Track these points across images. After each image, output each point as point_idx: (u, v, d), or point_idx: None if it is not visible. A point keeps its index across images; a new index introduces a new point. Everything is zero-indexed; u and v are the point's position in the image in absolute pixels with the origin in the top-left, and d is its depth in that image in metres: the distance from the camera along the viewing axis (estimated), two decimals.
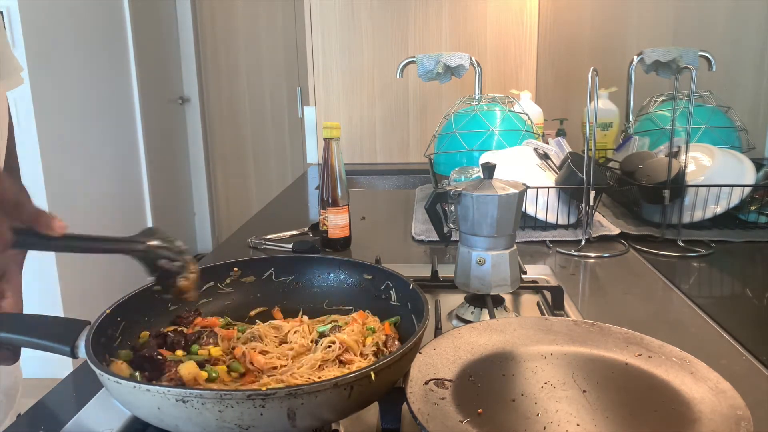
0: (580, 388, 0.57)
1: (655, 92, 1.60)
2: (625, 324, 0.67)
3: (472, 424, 0.52)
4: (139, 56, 3.44)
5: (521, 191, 0.79)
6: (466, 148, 1.51)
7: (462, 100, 1.66)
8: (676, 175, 1.16)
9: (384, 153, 2.29)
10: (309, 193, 1.84)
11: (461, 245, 0.83)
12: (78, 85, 2.91)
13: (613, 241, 1.19)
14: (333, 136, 1.11)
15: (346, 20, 2.19)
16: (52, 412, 0.63)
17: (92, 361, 0.50)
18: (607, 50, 2.04)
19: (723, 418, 0.50)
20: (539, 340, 0.66)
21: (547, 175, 1.27)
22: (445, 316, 0.84)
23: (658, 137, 1.47)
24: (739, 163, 1.23)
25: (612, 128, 1.74)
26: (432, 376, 0.58)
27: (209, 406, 0.45)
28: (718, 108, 1.44)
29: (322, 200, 1.14)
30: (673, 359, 0.60)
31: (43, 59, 2.62)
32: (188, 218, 4.26)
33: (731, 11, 1.51)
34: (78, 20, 2.92)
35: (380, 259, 0.90)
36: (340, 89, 2.25)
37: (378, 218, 1.45)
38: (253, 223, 1.41)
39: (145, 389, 0.46)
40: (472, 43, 2.20)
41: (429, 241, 1.21)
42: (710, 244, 1.14)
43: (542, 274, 1.01)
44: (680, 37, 1.68)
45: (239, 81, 4.17)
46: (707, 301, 0.89)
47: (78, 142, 2.91)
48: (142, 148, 3.51)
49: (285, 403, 0.45)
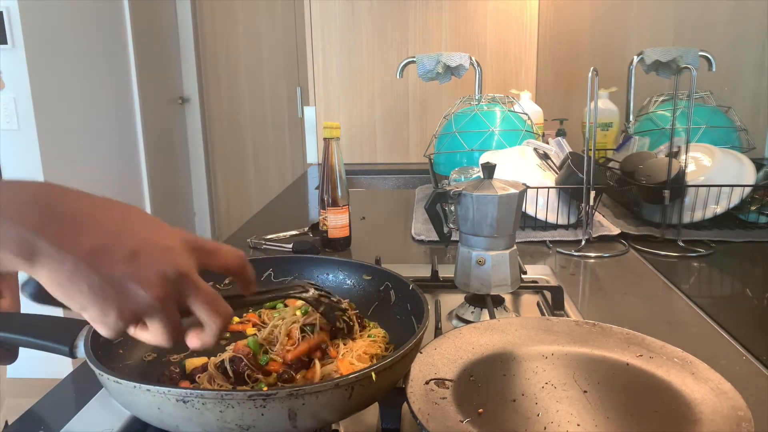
0: (580, 389, 0.57)
1: (655, 92, 1.60)
2: (624, 324, 0.67)
3: (473, 424, 0.51)
4: (139, 56, 3.44)
5: (521, 191, 0.79)
6: (466, 148, 1.51)
7: (462, 100, 1.66)
8: (676, 175, 1.16)
9: (384, 153, 2.29)
10: (309, 193, 1.84)
11: (461, 245, 0.83)
12: (78, 85, 2.91)
13: (613, 241, 1.19)
14: (333, 136, 1.11)
15: (346, 20, 2.19)
16: (52, 412, 0.63)
17: (92, 361, 0.50)
18: (607, 50, 2.04)
19: (724, 418, 0.50)
20: (540, 341, 0.66)
21: (547, 175, 1.27)
22: (445, 316, 0.84)
23: (658, 137, 1.46)
24: (739, 163, 1.23)
25: (612, 128, 1.74)
26: (433, 375, 0.58)
27: (210, 406, 0.45)
28: (718, 108, 1.44)
29: (322, 200, 1.14)
30: (675, 360, 0.60)
31: (43, 59, 2.62)
32: (188, 218, 4.26)
33: (731, 11, 1.51)
34: (78, 20, 2.92)
35: (380, 259, 0.90)
36: (340, 89, 2.25)
37: (378, 218, 1.45)
38: (253, 223, 1.41)
39: (145, 389, 0.46)
40: (472, 43, 2.20)
41: (429, 241, 1.21)
42: (710, 244, 1.14)
43: (542, 274, 1.01)
44: (680, 37, 1.68)
45: (239, 81, 4.16)
46: (707, 301, 0.89)
47: (78, 142, 2.91)
48: (142, 148, 3.51)
49: (286, 403, 0.45)
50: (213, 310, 0.44)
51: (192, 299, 0.43)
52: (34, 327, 0.52)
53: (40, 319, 0.53)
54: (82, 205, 0.42)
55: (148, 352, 0.63)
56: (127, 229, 0.42)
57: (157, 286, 0.41)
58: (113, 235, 0.41)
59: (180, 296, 0.43)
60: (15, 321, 0.53)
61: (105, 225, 0.41)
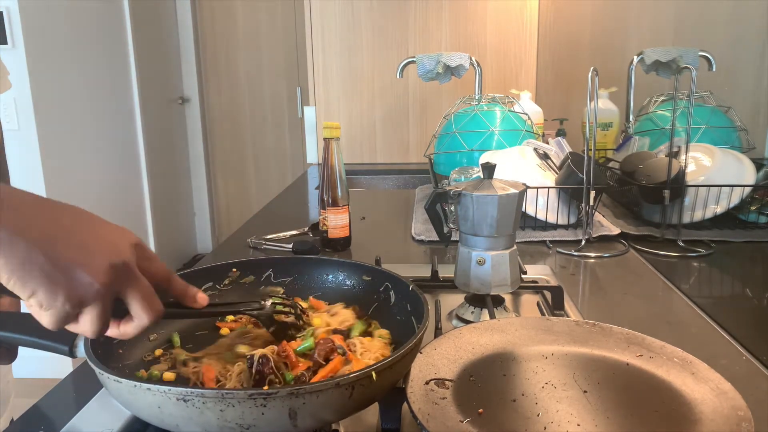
0: (581, 389, 0.57)
1: (655, 92, 1.60)
2: (624, 324, 0.67)
3: (473, 424, 0.51)
4: (139, 56, 3.44)
5: (521, 191, 0.79)
6: (466, 148, 1.51)
7: (462, 100, 1.66)
8: (676, 175, 1.16)
9: (384, 153, 2.29)
10: (309, 193, 1.84)
11: (461, 245, 0.83)
12: (78, 85, 2.91)
13: (613, 241, 1.19)
14: (333, 136, 1.11)
15: (346, 20, 2.19)
16: (52, 412, 0.63)
17: (92, 360, 0.50)
18: (607, 50, 2.04)
19: (724, 418, 0.50)
20: (540, 341, 0.66)
21: (547, 175, 1.27)
22: (445, 316, 0.84)
23: (658, 137, 1.46)
24: (739, 163, 1.23)
25: (612, 128, 1.74)
26: (433, 375, 0.58)
27: (210, 406, 0.45)
28: (718, 108, 1.44)
29: (322, 200, 1.14)
30: (675, 360, 0.60)
31: (43, 59, 2.62)
32: (188, 218, 4.26)
33: (731, 11, 1.51)
34: (78, 20, 2.92)
35: (380, 259, 0.90)
36: (340, 89, 2.25)
37: (378, 218, 1.45)
38: (253, 223, 1.41)
39: (145, 388, 0.46)
40: (472, 43, 2.20)
41: (429, 241, 1.21)
42: (710, 244, 1.14)
43: (542, 274, 1.01)
44: (680, 37, 1.68)
45: (239, 81, 4.16)
46: (707, 301, 0.89)
47: (78, 142, 2.91)
48: (142, 148, 3.51)
49: (286, 402, 0.45)
50: (146, 305, 0.47)
51: (130, 290, 0.46)
52: (34, 326, 0.52)
53: None
54: (35, 199, 0.44)
55: (148, 352, 0.63)
56: (79, 222, 0.45)
57: (104, 274, 0.43)
58: (66, 226, 0.44)
59: (121, 286, 0.45)
60: (15, 320, 0.53)
61: (59, 217, 0.44)
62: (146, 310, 0.47)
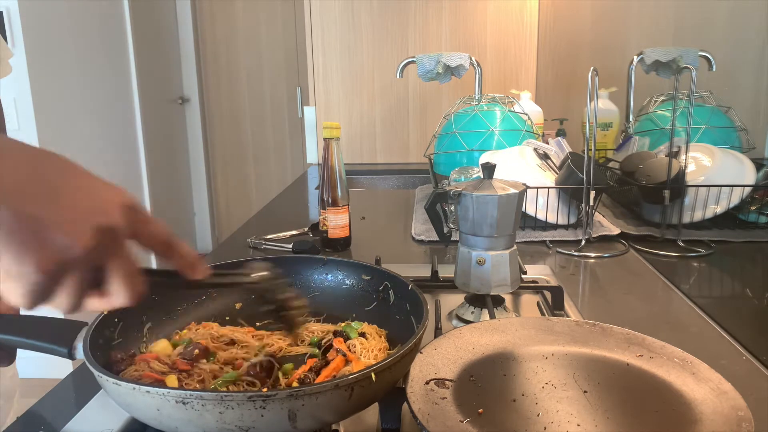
0: (581, 389, 0.57)
1: (655, 92, 1.60)
2: (624, 324, 0.67)
3: (473, 424, 0.51)
4: (139, 56, 3.44)
5: (521, 191, 0.79)
6: (466, 148, 1.51)
7: (462, 100, 1.66)
8: (676, 175, 1.16)
9: (384, 153, 2.29)
10: (309, 193, 1.84)
11: (461, 245, 0.83)
12: (78, 85, 2.91)
13: (613, 241, 1.18)
14: (333, 136, 1.11)
15: (346, 20, 2.19)
16: (52, 412, 0.63)
17: (90, 363, 0.50)
18: (607, 50, 2.04)
19: (724, 419, 0.50)
20: (540, 341, 0.66)
21: (547, 175, 1.27)
22: (445, 316, 0.84)
23: (658, 137, 1.46)
24: (739, 163, 1.23)
25: (612, 128, 1.74)
26: (433, 375, 0.58)
27: (209, 408, 0.45)
28: (718, 108, 1.44)
29: (322, 200, 1.14)
30: (675, 360, 0.60)
31: (43, 59, 2.62)
32: (188, 218, 4.26)
33: (731, 11, 1.51)
34: (78, 20, 2.92)
35: (380, 259, 0.90)
36: (340, 89, 2.25)
37: (378, 218, 1.45)
38: (253, 223, 1.41)
39: (144, 390, 0.45)
40: (472, 43, 2.20)
41: (429, 241, 1.21)
42: (710, 244, 1.14)
43: (542, 274, 1.01)
44: (680, 37, 1.68)
45: (239, 81, 4.16)
46: (707, 301, 0.89)
47: (78, 142, 2.91)
48: (142, 148, 3.51)
49: (286, 404, 0.45)
50: (128, 282, 0.39)
51: (113, 262, 0.38)
52: (33, 329, 0.52)
53: (39, 321, 0.53)
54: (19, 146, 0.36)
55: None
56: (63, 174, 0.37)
57: (87, 237, 0.35)
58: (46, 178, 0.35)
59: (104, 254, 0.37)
60: (14, 323, 0.53)
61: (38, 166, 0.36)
62: (127, 289, 0.38)
